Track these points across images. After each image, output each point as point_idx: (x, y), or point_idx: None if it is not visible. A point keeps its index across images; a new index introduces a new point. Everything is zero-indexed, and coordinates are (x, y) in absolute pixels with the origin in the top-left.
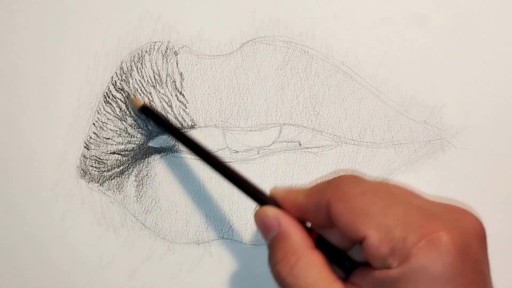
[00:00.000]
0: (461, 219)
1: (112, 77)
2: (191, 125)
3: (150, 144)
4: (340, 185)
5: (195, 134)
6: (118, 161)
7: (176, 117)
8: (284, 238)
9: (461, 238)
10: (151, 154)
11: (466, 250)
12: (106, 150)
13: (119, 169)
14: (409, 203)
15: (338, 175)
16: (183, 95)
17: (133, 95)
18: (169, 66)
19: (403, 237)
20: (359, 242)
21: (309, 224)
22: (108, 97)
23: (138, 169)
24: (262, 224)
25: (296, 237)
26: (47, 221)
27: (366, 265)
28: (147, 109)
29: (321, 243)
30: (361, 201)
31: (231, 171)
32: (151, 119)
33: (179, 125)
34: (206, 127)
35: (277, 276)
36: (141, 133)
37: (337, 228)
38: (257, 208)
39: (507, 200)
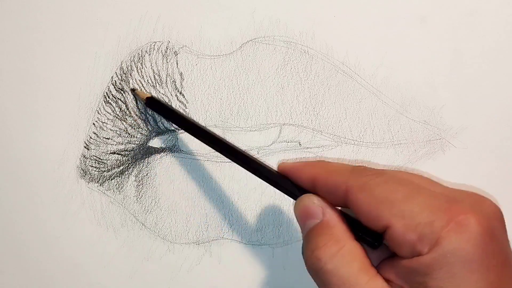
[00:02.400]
0: (482, 204)
1: (112, 77)
2: None
3: (150, 144)
4: (362, 173)
5: None
6: (118, 161)
7: None
8: (328, 226)
9: (486, 220)
10: (151, 154)
11: (492, 231)
12: (106, 150)
13: (119, 169)
14: (431, 190)
15: (361, 165)
16: (183, 95)
17: (138, 88)
18: (169, 66)
19: (430, 221)
20: (382, 231)
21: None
22: (108, 97)
23: (138, 169)
24: (305, 211)
25: (341, 226)
26: (47, 221)
27: (392, 257)
28: (153, 101)
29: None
30: (384, 190)
31: (248, 158)
32: (158, 111)
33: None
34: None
35: (315, 262)
36: (141, 133)
37: (358, 217)
38: (301, 196)
39: (507, 200)
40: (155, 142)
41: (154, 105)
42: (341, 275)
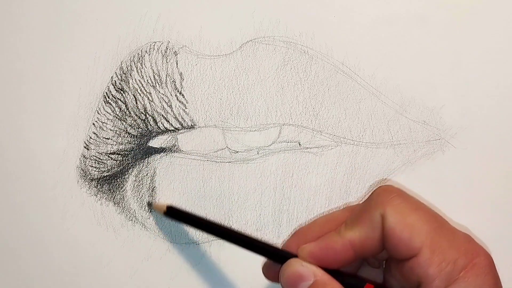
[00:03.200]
0: (479, 244)
1: (112, 77)
2: (191, 125)
3: (150, 144)
4: (389, 196)
5: (195, 134)
6: (118, 161)
7: (176, 117)
8: (324, 284)
9: (491, 260)
10: (151, 154)
11: (496, 271)
12: (106, 150)
13: (119, 169)
14: (451, 226)
15: (378, 187)
16: (183, 95)
17: (153, 201)
18: (169, 66)
19: (453, 260)
20: (405, 258)
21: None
22: (108, 97)
23: (138, 169)
24: (295, 275)
25: (335, 283)
26: (47, 221)
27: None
28: (172, 210)
29: None
30: (415, 218)
31: (274, 249)
32: (179, 219)
33: (179, 126)
34: (206, 127)
35: None
36: (141, 133)
37: (388, 240)
38: (287, 262)
39: (507, 200)
40: (155, 142)
41: (174, 214)
42: None
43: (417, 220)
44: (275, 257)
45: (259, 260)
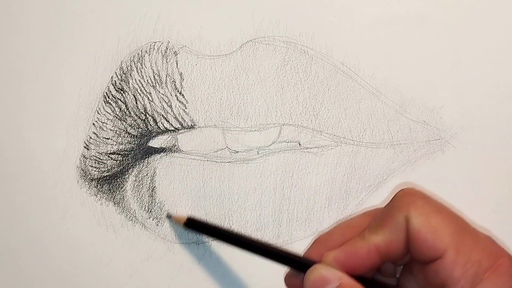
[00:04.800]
0: (500, 245)
1: (112, 77)
2: (191, 125)
3: (150, 144)
4: (412, 199)
5: (195, 134)
6: (118, 161)
7: (175, 117)
8: (350, 286)
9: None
10: (151, 154)
11: None
12: (106, 150)
13: (119, 169)
14: (471, 227)
15: (400, 190)
16: (183, 95)
17: (172, 213)
18: (169, 66)
19: (478, 261)
20: (430, 261)
21: None
22: (108, 97)
23: (138, 169)
24: (320, 279)
25: (359, 286)
26: (47, 221)
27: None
28: (192, 221)
29: None
30: (439, 220)
31: (291, 255)
32: (199, 230)
33: (179, 126)
34: (206, 127)
35: None
36: (141, 133)
37: (413, 243)
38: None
39: (507, 200)
40: (155, 142)
41: (194, 225)
42: None
43: (441, 222)
44: (298, 266)
45: (259, 260)
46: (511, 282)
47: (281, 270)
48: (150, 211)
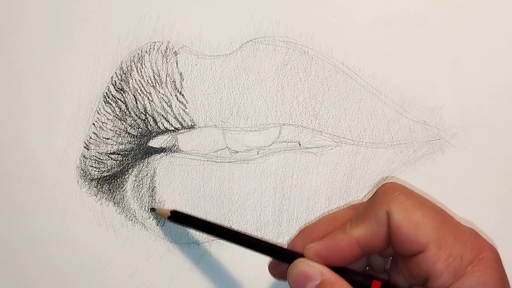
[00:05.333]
0: (484, 238)
1: (112, 77)
2: (191, 125)
3: (150, 144)
4: (394, 194)
5: (195, 134)
6: (118, 161)
7: (176, 117)
8: (331, 283)
9: (497, 254)
10: (151, 154)
11: (502, 264)
12: (106, 150)
13: (119, 169)
14: (455, 221)
15: (382, 184)
16: (183, 95)
17: (157, 207)
18: (169, 66)
19: (460, 254)
20: (412, 255)
21: None
22: (108, 97)
23: (138, 169)
24: (302, 275)
25: (342, 281)
26: (47, 221)
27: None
28: (176, 214)
29: None
30: (420, 214)
31: (279, 248)
32: (183, 223)
33: (179, 126)
34: (206, 127)
35: None
36: (141, 133)
37: (394, 237)
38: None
39: (506, 200)
40: (155, 142)
41: (177, 218)
42: None
43: (422, 217)
44: (281, 257)
45: (259, 260)
46: (493, 275)
47: None
48: (150, 211)
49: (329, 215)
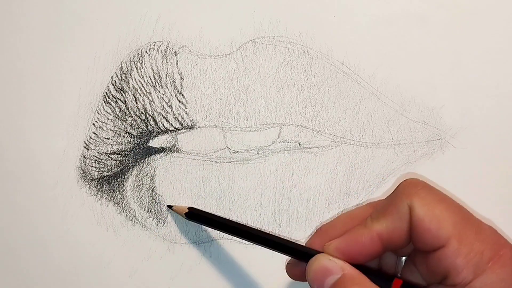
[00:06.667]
0: (504, 237)
1: (112, 77)
2: (191, 125)
3: (150, 144)
4: (416, 188)
5: (195, 134)
6: (118, 161)
7: (176, 117)
8: (352, 277)
9: None
10: (151, 154)
11: None
12: (106, 150)
13: (119, 169)
14: (476, 218)
15: (404, 180)
16: (183, 95)
17: (172, 205)
18: (169, 66)
19: (481, 251)
20: (432, 249)
21: None
22: (108, 97)
23: (138, 169)
24: (323, 269)
25: (362, 276)
26: (47, 221)
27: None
28: (193, 211)
29: None
30: (442, 209)
31: (295, 245)
32: (200, 221)
33: (179, 126)
34: (206, 127)
35: None
36: (141, 133)
37: (416, 231)
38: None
39: (506, 200)
40: (155, 142)
41: (195, 216)
42: None
43: (444, 212)
44: (300, 255)
45: (259, 260)
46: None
47: (282, 269)
48: (150, 211)
49: (347, 213)
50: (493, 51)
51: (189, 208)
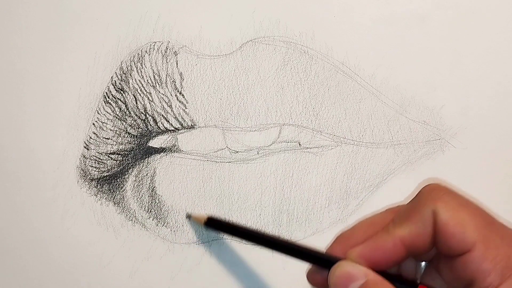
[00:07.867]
0: None
1: (112, 77)
2: (191, 125)
3: (150, 144)
4: (439, 193)
5: (195, 134)
6: (118, 161)
7: (176, 117)
8: (376, 283)
9: None
10: (151, 154)
11: None
12: (106, 150)
13: (119, 169)
14: (499, 222)
15: (426, 185)
16: (183, 95)
17: (192, 212)
18: (169, 66)
19: (507, 255)
20: (458, 254)
21: None
22: (108, 97)
23: (138, 169)
24: (346, 275)
25: (387, 283)
26: (47, 221)
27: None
28: (212, 220)
29: None
30: (467, 213)
31: (315, 252)
32: (219, 229)
33: (179, 126)
34: (206, 127)
35: None
36: (141, 133)
37: (440, 236)
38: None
39: (506, 200)
40: (155, 142)
41: (213, 224)
42: None
43: (469, 216)
44: (322, 262)
45: (259, 260)
46: None
47: (281, 269)
48: (150, 211)
49: (366, 220)
50: (493, 51)
51: (208, 218)
